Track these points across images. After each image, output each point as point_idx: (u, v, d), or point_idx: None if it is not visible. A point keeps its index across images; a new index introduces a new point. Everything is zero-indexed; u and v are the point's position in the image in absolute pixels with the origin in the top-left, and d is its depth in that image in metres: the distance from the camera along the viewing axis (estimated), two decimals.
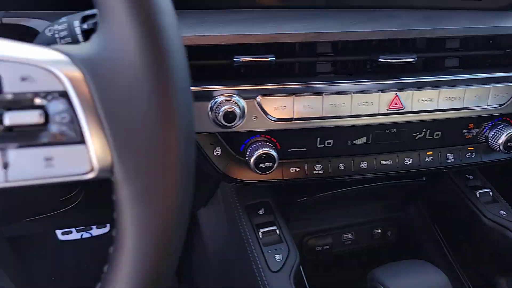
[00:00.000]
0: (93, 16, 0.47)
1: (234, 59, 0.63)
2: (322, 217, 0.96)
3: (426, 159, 0.79)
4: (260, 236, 0.79)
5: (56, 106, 0.30)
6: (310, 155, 0.75)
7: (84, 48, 0.32)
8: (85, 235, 1.22)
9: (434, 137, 0.78)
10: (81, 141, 0.31)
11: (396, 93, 0.71)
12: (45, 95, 0.30)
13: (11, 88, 0.30)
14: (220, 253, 1.04)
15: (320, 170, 0.76)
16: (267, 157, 0.68)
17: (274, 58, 0.65)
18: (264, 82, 0.67)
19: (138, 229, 0.32)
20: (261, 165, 0.68)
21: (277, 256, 0.75)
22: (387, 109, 0.71)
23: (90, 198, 0.83)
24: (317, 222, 0.96)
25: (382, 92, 0.70)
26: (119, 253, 0.34)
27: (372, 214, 1.00)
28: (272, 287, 0.70)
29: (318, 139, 0.74)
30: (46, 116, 0.30)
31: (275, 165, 0.68)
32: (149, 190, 0.32)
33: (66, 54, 0.32)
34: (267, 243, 0.78)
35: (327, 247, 0.96)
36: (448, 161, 0.81)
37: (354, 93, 0.69)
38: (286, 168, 0.74)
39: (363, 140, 0.76)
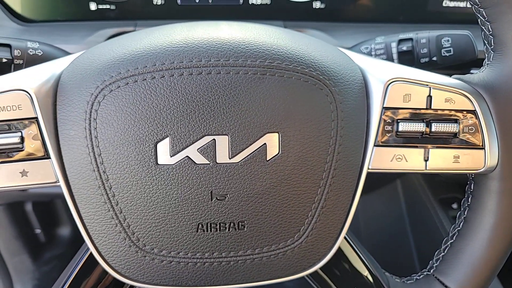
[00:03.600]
0: (408, 40, 0.59)
1: None
2: None
3: None
4: None
5: (467, 121, 0.43)
6: None
7: (481, 77, 0.44)
8: None
9: None
10: (483, 147, 0.43)
11: None
12: (460, 112, 0.43)
13: (438, 106, 0.43)
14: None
15: None
16: None
17: None
18: None
19: (501, 214, 0.44)
20: None
21: None
22: None
23: None
24: None
25: None
26: (473, 228, 0.46)
27: None
28: None
29: None
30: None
31: None
32: None
33: (467, 82, 0.44)
34: None
35: None
36: None
37: None
38: None
39: None
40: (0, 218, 1.15)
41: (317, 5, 0.77)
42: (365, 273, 0.49)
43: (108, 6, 0.75)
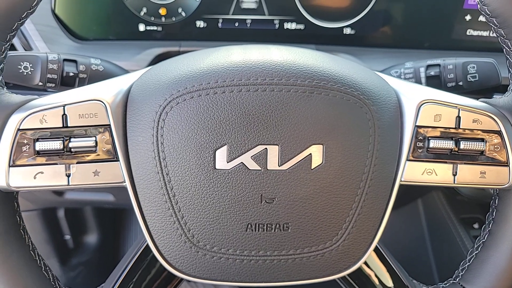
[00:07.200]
0: (436, 65, 0.64)
1: None
2: None
3: None
4: None
5: (493, 140, 0.47)
6: None
7: (506, 101, 0.48)
8: None
9: None
10: (507, 164, 0.47)
11: None
12: (486, 131, 0.47)
13: (466, 126, 0.47)
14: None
15: None
16: None
17: None
18: None
19: None
20: None
21: None
22: None
23: None
24: None
25: None
26: (497, 240, 0.50)
27: None
28: None
29: None
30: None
31: None
32: None
33: (493, 105, 0.48)
34: None
35: None
36: None
37: None
38: None
39: None
40: (34, 222, 1.20)
41: (347, 31, 0.83)
42: (393, 279, 0.53)
43: (155, 28, 0.81)
